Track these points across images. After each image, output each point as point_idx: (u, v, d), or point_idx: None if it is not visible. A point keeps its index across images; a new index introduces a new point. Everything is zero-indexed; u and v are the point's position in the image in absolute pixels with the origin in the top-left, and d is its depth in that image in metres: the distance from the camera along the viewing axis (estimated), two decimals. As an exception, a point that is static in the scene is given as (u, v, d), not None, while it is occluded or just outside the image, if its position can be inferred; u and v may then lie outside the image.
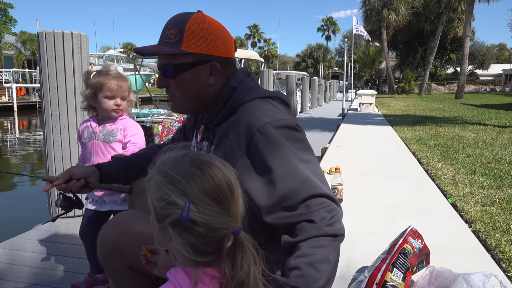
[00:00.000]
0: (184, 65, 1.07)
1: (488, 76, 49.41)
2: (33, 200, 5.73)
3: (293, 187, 0.98)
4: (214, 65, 1.09)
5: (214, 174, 0.74)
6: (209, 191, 0.73)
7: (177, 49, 1.05)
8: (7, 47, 30.27)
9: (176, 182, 0.73)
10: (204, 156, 0.78)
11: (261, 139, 1.00)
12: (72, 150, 2.80)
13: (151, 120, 5.95)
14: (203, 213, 0.72)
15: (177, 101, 1.15)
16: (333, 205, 1.01)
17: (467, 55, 25.00)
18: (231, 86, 1.12)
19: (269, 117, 1.02)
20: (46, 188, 1.30)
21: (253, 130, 1.01)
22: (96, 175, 1.35)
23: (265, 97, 1.11)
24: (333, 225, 0.98)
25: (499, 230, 2.56)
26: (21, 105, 22.07)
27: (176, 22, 1.07)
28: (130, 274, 1.14)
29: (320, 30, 72.86)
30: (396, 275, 1.50)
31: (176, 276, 0.76)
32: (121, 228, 1.12)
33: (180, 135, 1.45)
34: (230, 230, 0.74)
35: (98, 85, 1.84)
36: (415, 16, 36.90)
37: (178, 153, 0.79)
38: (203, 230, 0.72)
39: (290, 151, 1.01)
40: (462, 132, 7.68)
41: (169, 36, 1.06)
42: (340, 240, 1.00)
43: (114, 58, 30.02)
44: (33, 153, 10.79)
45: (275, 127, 1.01)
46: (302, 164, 1.01)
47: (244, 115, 1.05)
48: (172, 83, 1.11)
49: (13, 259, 2.15)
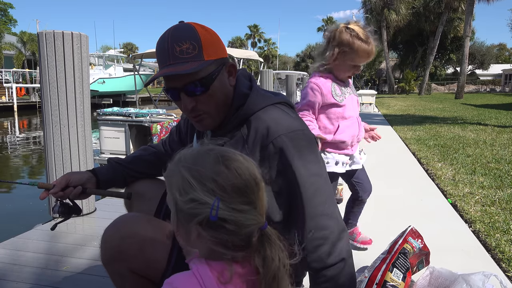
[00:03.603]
0: (213, 75, 1.03)
1: (488, 76, 49.38)
2: (33, 200, 5.73)
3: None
4: (231, 65, 1.10)
5: (241, 171, 0.74)
6: (237, 188, 0.72)
7: (203, 61, 1.00)
8: (7, 47, 30.26)
9: (203, 180, 0.72)
10: (229, 152, 0.77)
11: (273, 152, 1.02)
12: (72, 150, 2.79)
13: (150, 120, 5.93)
14: (232, 210, 0.71)
15: (211, 115, 1.09)
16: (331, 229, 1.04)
17: (467, 55, 24.99)
18: (242, 93, 1.11)
19: (282, 127, 1.04)
20: (42, 196, 1.28)
21: (267, 141, 1.02)
22: (93, 181, 1.34)
23: (276, 103, 1.12)
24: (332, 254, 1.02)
25: (499, 230, 2.56)
26: (21, 105, 22.06)
27: (183, 35, 1.01)
28: (133, 278, 1.12)
29: (320, 30, 72.72)
30: (396, 275, 1.50)
31: (199, 269, 0.75)
32: (124, 231, 1.10)
33: (175, 137, 1.43)
34: (258, 225, 0.74)
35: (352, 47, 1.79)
36: (415, 16, 36.86)
37: (201, 148, 0.78)
38: (232, 227, 0.71)
39: (302, 164, 1.03)
40: (462, 132, 7.68)
41: (185, 51, 0.99)
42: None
43: (114, 58, 30.00)
44: (33, 153, 10.78)
45: (289, 137, 1.03)
46: (312, 178, 1.03)
47: (258, 126, 1.05)
48: (200, 99, 1.05)
49: (13, 259, 2.15)
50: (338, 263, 1.01)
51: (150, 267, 1.10)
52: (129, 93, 28.71)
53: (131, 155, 1.49)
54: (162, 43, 1.03)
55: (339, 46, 1.82)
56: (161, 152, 1.47)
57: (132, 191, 1.41)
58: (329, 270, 1.01)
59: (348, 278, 1.03)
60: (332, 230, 1.02)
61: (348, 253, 1.04)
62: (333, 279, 1.01)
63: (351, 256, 1.05)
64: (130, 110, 6.31)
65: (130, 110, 6.31)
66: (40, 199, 1.29)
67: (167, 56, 1.01)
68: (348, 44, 1.80)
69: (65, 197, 1.29)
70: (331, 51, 1.85)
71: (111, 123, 6.20)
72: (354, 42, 1.79)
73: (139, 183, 1.42)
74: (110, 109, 6.39)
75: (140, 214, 1.23)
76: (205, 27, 1.07)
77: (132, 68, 15.23)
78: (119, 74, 28.23)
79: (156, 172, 1.46)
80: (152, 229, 1.11)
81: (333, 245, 1.01)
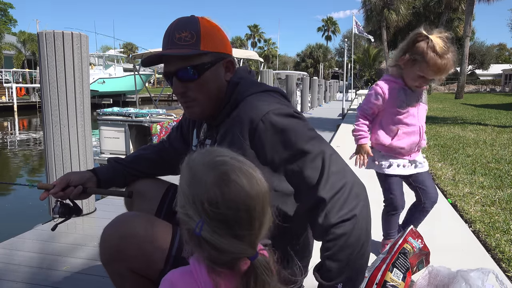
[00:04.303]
0: (206, 65, 1.08)
1: (488, 76, 49.37)
2: (33, 200, 5.73)
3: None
4: (230, 61, 1.13)
5: (237, 202, 0.70)
6: (225, 221, 0.70)
7: (198, 50, 1.06)
8: (7, 47, 30.25)
9: (195, 199, 0.71)
10: (236, 173, 0.72)
11: (264, 129, 1.02)
12: (72, 150, 2.79)
13: (150, 120, 5.94)
14: (214, 234, 0.70)
15: (200, 104, 1.12)
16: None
17: (467, 55, 24.99)
18: (233, 82, 1.14)
19: (270, 106, 1.04)
20: (43, 197, 1.28)
21: (256, 121, 1.02)
22: (93, 180, 1.34)
23: (266, 90, 1.13)
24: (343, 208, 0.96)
25: (499, 230, 2.56)
26: (21, 105, 22.05)
27: (185, 25, 1.07)
28: (132, 277, 1.12)
29: (320, 30, 72.91)
30: (396, 275, 1.50)
31: (195, 265, 0.75)
32: (123, 231, 1.10)
33: (177, 134, 1.44)
34: (244, 255, 0.72)
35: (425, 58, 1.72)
36: (415, 16, 36.85)
37: (213, 155, 0.75)
38: (213, 250, 0.71)
39: (296, 131, 1.02)
40: (462, 132, 7.68)
41: (184, 38, 1.06)
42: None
43: (114, 58, 29.99)
44: (33, 153, 10.78)
45: (277, 114, 1.03)
46: (310, 141, 1.02)
47: (246, 108, 1.07)
48: (192, 87, 1.09)
49: (13, 259, 2.15)
50: (350, 219, 0.96)
51: (150, 267, 1.09)
52: (129, 93, 28.71)
53: (132, 155, 1.49)
54: (167, 30, 1.10)
55: (412, 53, 1.77)
56: (162, 150, 1.47)
57: (133, 190, 1.40)
58: (339, 227, 0.95)
59: (358, 237, 0.97)
60: (342, 186, 0.98)
61: (361, 211, 0.97)
62: (342, 237, 0.95)
63: (365, 217, 0.99)
64: (130, 110, 6.31)
65: (130, 110, 6.32)
66: (41, 199, 1.29)
67: (167, 42, 1.08)
68: (420, 53, 1.74)
69: (66, 197, 1.29)
70: (404, 54, 1.81)
71: (111, 123, 6.21)
72: (427, 53, 1.72)
73: (140, 183, 1.42)
74: (110, 109, 6.39)
75: (140, 213, 1.23)
76: (211, 22, 1.11)
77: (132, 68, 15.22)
78: (119, 74, 28.21)
79: (157, 171, 1.46)
80: (151, 228, 1.11)
81: (345, 201, 0.97)
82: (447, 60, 1.72)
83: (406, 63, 1.81)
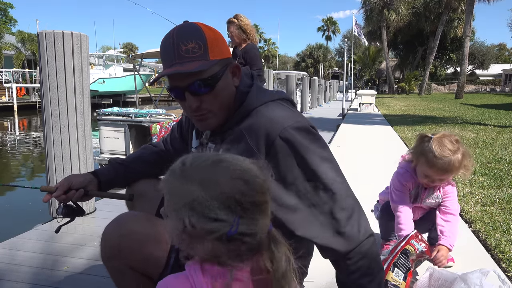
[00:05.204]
0: (218, 74, 1.03)
1: (488, 76, 49.39)
2: (33, 200, 5.73)
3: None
4: (235, 66, 1.10)
5: (258, 184, 0.75)
6: (254, 200, 0.73)
7: (209, 60, 1.00)
8: (7, 47, 30.24)
9: (221, 198, 0.71)
10: (242, 163, 0.77)
11: (281, 146, 1.01)
12: (72, 150, 2.79)
13: (149, 120, 5.94)
14: (252, 222, 0.73)
15: (216, 115, 1.08)
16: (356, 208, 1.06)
17: (467, 55, 24.99)
18: (242, 91, 1.11)
19: (287, 120, 1.03)
20: (46, 199, 1.29)
21: (273, 135, 1.01)
22: (95, 182, 1.35)
23: (276, 99, 1.12)
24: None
25: (499, 230, 2.56)
26: (21, 105, 22.05)
27: (190, 35, 1.01)
28: (132, 275, 1.12)
29: (320, 30, 72.87)
30: (397, 275, 1.50)
31: (191, 271, 0.76)
32: (124, 229, 1.10)
33: (176, 134, 1.43)
34: (267, 227, 0.77)
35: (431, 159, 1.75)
36: (415, 16, 36.87)
37: (208, 160, 0.76)
38: (249, 238, 0.73)
39: (312, 152, 1.03)
40: (462, 132, 7.67)
41: (191, 50, 0.99)
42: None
43: (114, 58, 30.00)
44: (33, 153, 10.78)
45: (295, 129, 1.02)
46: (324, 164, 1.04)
47: (260, 119, 1.05)
48: (205, 99, 1.05)
49: (13, 259, 2.15)
50: (368, 238, 1.04)
51: (150, 265, 1.10)
52: (129, 93, 28.71)
53: (132, 155, 1.49)
54: (167, 42, 1.02)
55: (417, 153, 1.83)
56: (162, 150, 1.48)
57: (134, 191, 1.41)
58: (362, 246, 1.02)
59: (377, 253, 1.07)
60: (353, 207, 1.04)
61: (370, 229, 1.07)
62: (367, 255, 1.03)
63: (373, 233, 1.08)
64: (130, 110, 6.31)
65: (130, 110, 6.31)
66: (43, 201, 1.31)
67: (172, 55, 1.00)
68: (423, 154, 1.79)
69: (68, 200, 1.30)
70: (413, 154, 1.87)
71: (110, 123, 6.20)
72: (427, 155, 1.77)
73: (140, 183, 1.43)
74: (110, 109, 6.39)
75: (140, 213, 1.23)
76: (210, 27, 1.07)
77: (132, 68, 15.23)
78: (119, 74, 28.22)
79: (157, 171, 1.46)
80: (152, 227, 1.11)
81: (358, 223, 1.04)
82: (448, 161, 1.72)
83: (415, 162, 1.86)
